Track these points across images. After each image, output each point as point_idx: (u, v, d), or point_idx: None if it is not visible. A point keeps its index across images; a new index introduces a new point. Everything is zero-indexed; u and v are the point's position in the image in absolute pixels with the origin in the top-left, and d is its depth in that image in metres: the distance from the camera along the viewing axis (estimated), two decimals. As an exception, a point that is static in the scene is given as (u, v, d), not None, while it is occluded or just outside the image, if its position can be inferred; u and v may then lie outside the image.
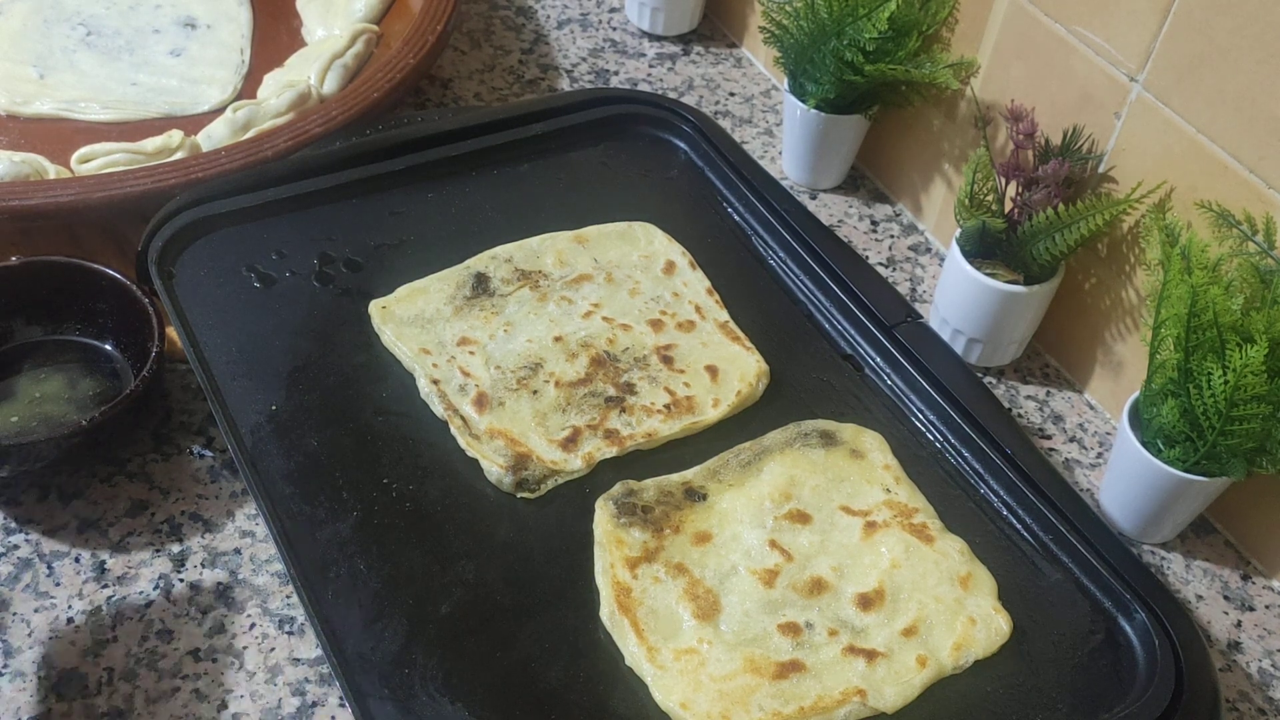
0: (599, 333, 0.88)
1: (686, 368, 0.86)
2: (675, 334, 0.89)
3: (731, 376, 0.86)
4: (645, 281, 0.92)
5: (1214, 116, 0.80)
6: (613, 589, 0.73)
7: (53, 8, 1.18)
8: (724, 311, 0.91)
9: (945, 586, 0.75)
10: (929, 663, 0.71)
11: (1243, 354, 0.73)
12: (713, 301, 0.91)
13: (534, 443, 0.80)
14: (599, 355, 0.86)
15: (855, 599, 0.74)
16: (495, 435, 0.80)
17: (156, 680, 0.73)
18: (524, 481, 0.78)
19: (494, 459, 0.79)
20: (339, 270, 0.90)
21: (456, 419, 0.81)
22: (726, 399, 0.85)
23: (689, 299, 0.91)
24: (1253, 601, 0.85)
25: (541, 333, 0.87)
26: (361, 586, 0.72)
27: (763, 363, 0.87)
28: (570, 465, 0.80)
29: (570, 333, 0.87)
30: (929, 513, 0.79)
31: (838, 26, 0.99)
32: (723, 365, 0.87)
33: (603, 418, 0.82)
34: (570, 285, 0.91)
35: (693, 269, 0.94)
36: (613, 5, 1.31)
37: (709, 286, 0.93)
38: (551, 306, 0.89)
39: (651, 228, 0.96)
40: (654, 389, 0.85)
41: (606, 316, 0.89)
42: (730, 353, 0.88)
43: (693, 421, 0.83)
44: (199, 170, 0.93)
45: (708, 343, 0.88)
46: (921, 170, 1.08)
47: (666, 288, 0.92)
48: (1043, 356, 1.00)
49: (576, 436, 0.81)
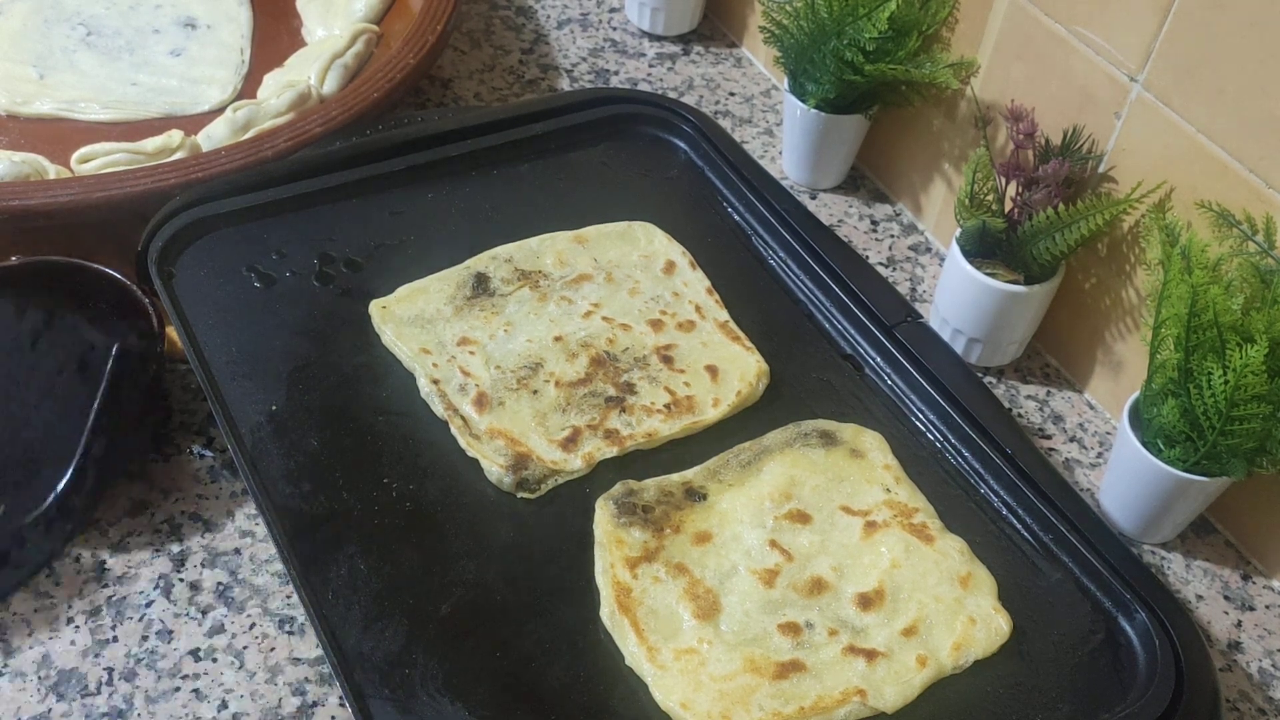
0: (599, 333, 0.88)
1: (686, 368, 0.86)
2: (675, 334, 0.89)
3: (731, 376, 0.86)
4: (645, 281, 0.92)
5: (1214, 116, 0.80)
6: (613, 589, 0.73)
7: (53, 8, 1.18)
8: (724, 311, 0.91)
9: (945, 586, 0.75)
10: (929, 662, 0.71)
11: (1243, 354, 0.73)
12: (713, 301, 0.91)
13: (534, 443, 0.80)
14: (599, 355, 0.86)
15: (855, 599, 0.74)
16: (495, 435, 0.80)
17: (156, 680, 0.73)
18: (524, 481, 0.78)
19: (494, 459, 0.79)
20: (339, 270, 0.90)
21: (457, 419, 0.81)
22: (726, 399, 0.85)
23: (689, 299, 0.91)
24: (1253, 601, 0.85)
25: (541, 333, 0.87)
26: (361, 586, 0.72)
27: (763, 363, 0.87)
28: (570, 465, 0.80)
29: (570, 333, 0.87)
30: (929, 512, 0.79)
31: (838, 26, 0.99)
32: (723, 365, 0.87)
33: (603, 418, 0.82)
34: (570, 285, 0.91)
35: (693, 269, 0.94)
36: (613, 5, 1.31)
37: (709, 286, 0.93)
38: (551, 306, 0.89)
39: (651, 227, 0.96)
40: (654, 389, 0.85)
41: (606, 316, 0.89)
42: (730, 353, 0.88)
43: (693, 421, 0.83)
44: (199, 170, 0.93)
45: (708, 343, 0.88)
46: (921, 170, 1.08)
47: (666, 287, 0.92)
48: (1043, 356, 1.00)
49: (577, 436, 0.81)
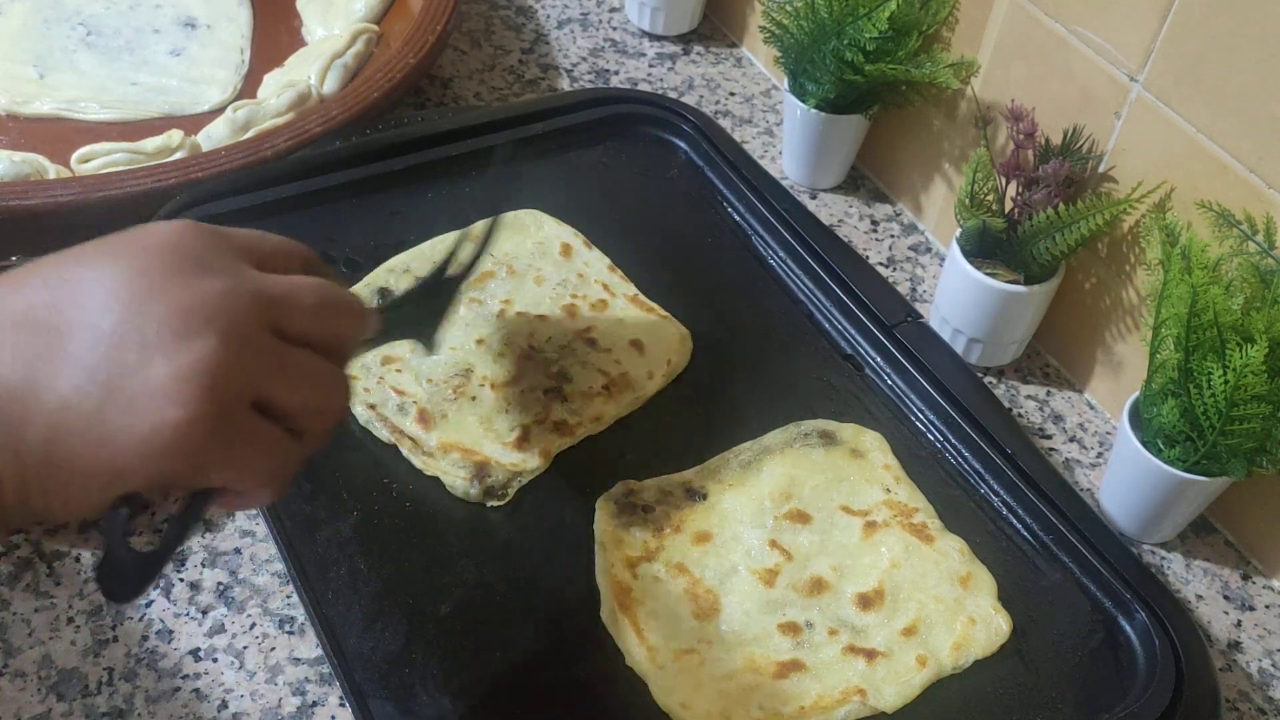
0: (517, 328, 0.87)
1: (612, 346, 0.87)
2: (591, 315, 0.89)
3: (657, 348, 0.87)
4: (547, 268, 0.92)
5: (1214, 116, 0.80)
6: (612, 589, 0.73)
7: (53, 8, 1.18)
8: (630, 285, 0.92)
9: (945, 586, 0.75)
10: (929, 662, 0.71)
11: (1243, 354, 0.73)
12: (617, 278, 0.92)
13: (489, 449, 0.79)
14: (524, 350, 0.85)
15: (855, 599, 0.74)
16: (449, 449, 0.79)
17: (156, 680, 0.73)
18: (490, 489, 0.78)
19: (455, 473, 0.78)
20: (339, 270, 0.90)
21: (405, 440, 0.80)
22: (659, 370, 0.86)
23: (594, 278, 0.91)
24: (1253, 601, 0.85)
25: (461, 338, 0.86)
26: (361, 586, 0.72)
27: (682, 328, 0.89)
28: (529, 464, 0.79)
29: (489, 333, 0.86)
30: (929, 512, 0.79)
31: (838, 26, 0.99)
32: (646, 339, 0.87)
33: (547, 411, 0.82)
34: (475, 285, 0.90)
35: (588, 248, 0.94)
36: (613, 5, 1.31)
37: (609, 264, 0.93)
38: (462, 310, 0.88)
39: (537, 213, 0.96)
40: (588, 373, 0.85)
41: (520, 310, 0.88)
42: (649, 324, 0.89)
43: (634, 397, 0.84)
44: (199, 170, 0.93)
45: (624, 318, 0.89)
46: (921, 170, 1.08)
47: (570, 270, 0.92)
48: (1043, 356, 1.00)
49: (528, 434, 0.80)
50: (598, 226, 0.96)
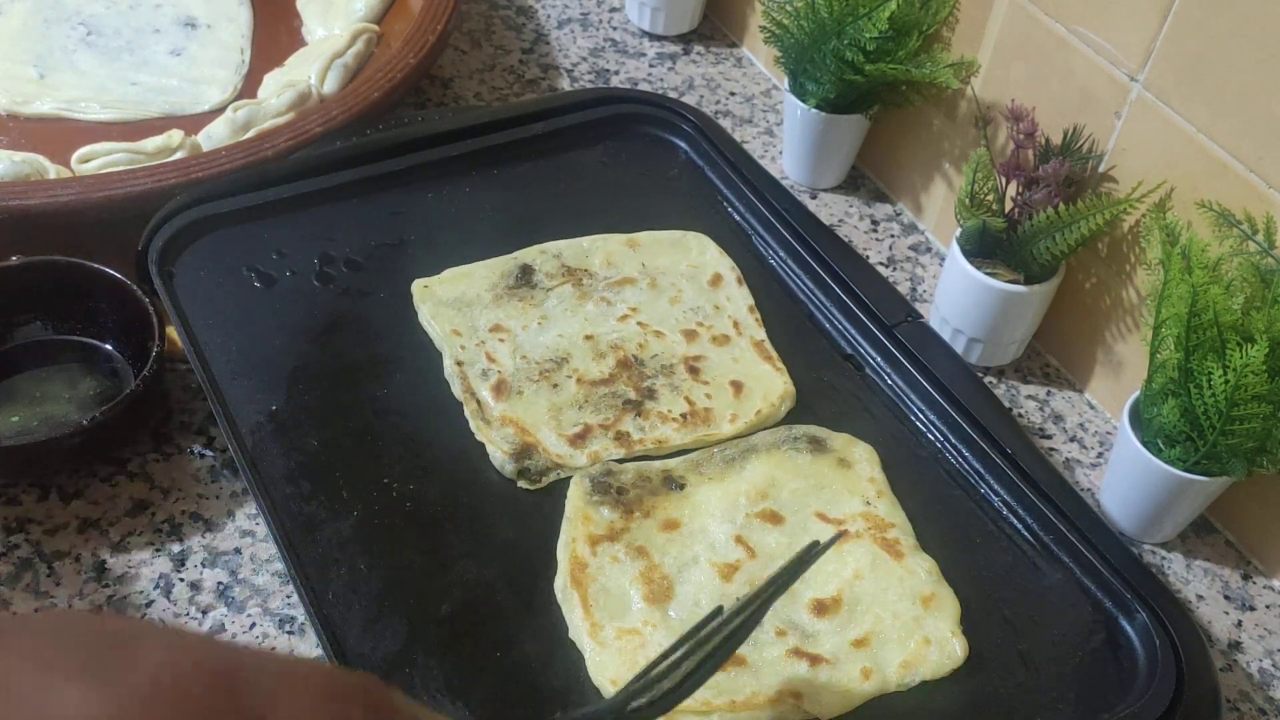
0: (631, 336, 0.87)
1: (711, 380, 0.86)
2: (708, 346, 0.88)
3: (755, 394, 0.85)
4: (689, 291, 0.92)
5: (1214, 116, 0.80)
6: (570, 562, 0.73)
7: (53, 8, 1.18)
8: (762, 330, 0.90)
9: (905, 604, 0.74)
10: (873, 676, 0.70)
11: (1243, 353, 0.73)
12: (753, 320, 0.91)
13: (543, 435, 0.80)
14: (627, 358, 0.86)
15: (811, 604, 0.73)
16: (507, 423, 0.80)
17: (156, 680, 0.73)
18: (525, 470, 0.79)
19: (500, 444, 0.79)
20: (339, 270, 0.90)
21: (472, 402, 0.81)
22: (745, 416, 0.83)
23: (729, 314, 0.91)
24: (1253, 601, 0.85)
25: (574, 329, 0.87)
26: (361, 586, 0.72)
27: (790, 384, 0.86)
28: (575, 461, 0.80)
29: (603, 333, 0.87)
30: (905, 530, 0.78)
31: (838, 26, 0.99)
32: (748, 382, 0.86)
33: (617, 419, 0.82)
34: (612, 287, 0.91)
35: (739, 285, 0.93)
36: (613, 5, 1.31)
37: (751, 304, 0.92)
38: (590, 306, 0.89)
39: (705, 239, 0.96)
40: (674, 397, 0.84)
41: (642, 322, 0.89)
42: (759, 371, 0.87)
43: (706, 434, 0.82)
44: (199, 170, 0.93)
45: (739, 359, 0.87)
46: (921, 170, 1.08)
47: (709, 300, 0.91)
48: (1043, 356, 1.00)
49: (587, 434, 0.81)
50: (598, 226, 0.96)
